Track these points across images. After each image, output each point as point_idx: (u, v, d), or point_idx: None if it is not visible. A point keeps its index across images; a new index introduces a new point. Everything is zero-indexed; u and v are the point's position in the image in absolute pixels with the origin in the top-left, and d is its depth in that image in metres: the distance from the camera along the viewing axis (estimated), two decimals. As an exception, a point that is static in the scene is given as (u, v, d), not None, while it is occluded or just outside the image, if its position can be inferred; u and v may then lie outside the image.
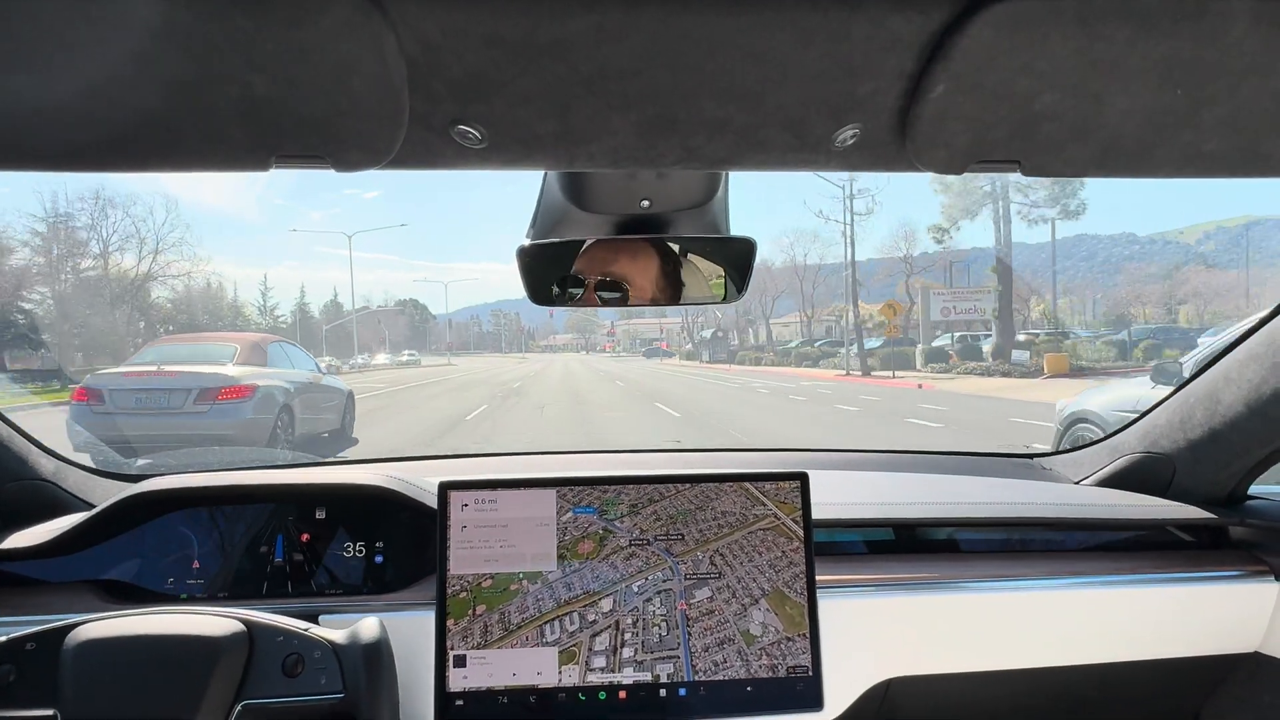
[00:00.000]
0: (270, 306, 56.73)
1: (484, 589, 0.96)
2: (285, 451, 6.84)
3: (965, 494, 1.30)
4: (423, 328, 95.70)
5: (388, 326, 69.71)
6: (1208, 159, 0.60)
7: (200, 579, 1.08)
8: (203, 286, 49.49)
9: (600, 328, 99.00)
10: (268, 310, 55.87)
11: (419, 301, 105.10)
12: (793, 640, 0.97)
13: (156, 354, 7.61)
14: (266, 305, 56.16)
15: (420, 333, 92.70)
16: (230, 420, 6.54)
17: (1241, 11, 0.46)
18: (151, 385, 6.52)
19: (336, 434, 8.27)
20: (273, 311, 56.84)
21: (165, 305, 42.64)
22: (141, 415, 6.44)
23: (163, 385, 6.51)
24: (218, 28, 0.45)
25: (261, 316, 55.12)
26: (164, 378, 6.59)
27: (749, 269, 0.99)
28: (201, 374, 6.71)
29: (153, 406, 6.47)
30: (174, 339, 8.85)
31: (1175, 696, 1.23)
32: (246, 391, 6.68)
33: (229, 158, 0.57)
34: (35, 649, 0.81)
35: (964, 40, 0.48)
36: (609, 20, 0.46)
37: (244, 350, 7.40)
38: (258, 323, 53.86)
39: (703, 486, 1.00)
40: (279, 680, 0.82)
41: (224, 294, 52.53)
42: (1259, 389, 1.11)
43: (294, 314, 63.70)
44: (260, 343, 7.71)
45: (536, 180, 0.93)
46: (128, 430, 6.46)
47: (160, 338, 9.67)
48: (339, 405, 8.37)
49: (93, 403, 6.53)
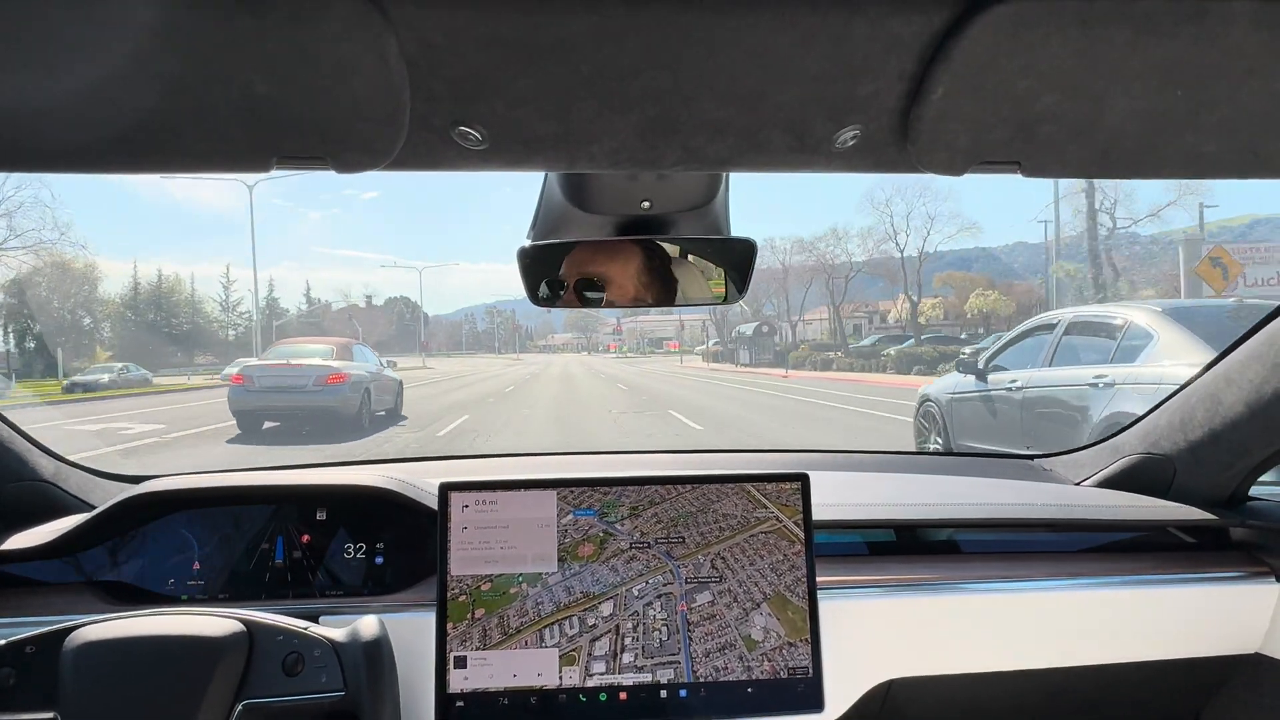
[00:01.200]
0: (234, 301, 55.11)
1: (483, 592, 0.96)
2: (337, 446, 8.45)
3: (966, 495, 1.30)
4: (412, 326, 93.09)
5: (363, 323, 67.04)
6: (1208, 160, 0.60)
7: (200, 580, 1.08)
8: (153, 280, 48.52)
9: (604, 326, 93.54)
10: (230, 306, 54.51)
11: (409, 299, 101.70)
12: (795, 646, 0.96)
13: (282, 352, 11.22)
14: (229, 300, 54.69)
15: (410, 332, 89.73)
16: (335, 398, 9.71)
17: (1241, 14, 0.46)
18: (285, 373, 9.83)
19: (391, 412, 11.46)
20: (236, 307, 55.07)
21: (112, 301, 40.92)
22: (279, 393, 9.75)
23: (292, 373, 9.78)
24: (219, 29, 0.45)
25: (224, 313, 53.36)
26: (292, 368, 9.86)
27: (749, 270, 0.98)
28: (316, 365, 9.87)
29: (286, 388, 9.71)
30: (289, 341, 12.55)
31: (1176, 698, 1.23)
32: (344, 378, 9.84)
33: (230, 159, 0.57)
34: (35, 651, 0.81)
35: (964, 42, 0.48)
36: (609, 21, 0.46)
37: (337, 349, 10.90)
38: (219, 319, 52.43)
39: (704, 489, 1.00)
40: (279, 679, 0.82)
41: (181, 288, 51.44)
42: (1260, 389, 1.10)
43: (262, 310, 60.63)
44: (347, 344, 11.52)
45: (538, 181, 0.93)
46: (269, 403, 9.80)
47: (278, 341, 14.26)
48: (395, 391, 11.78)
49: (246, 384, 9.87)
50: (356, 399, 9.91)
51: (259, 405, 9.78)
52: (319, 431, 9.47)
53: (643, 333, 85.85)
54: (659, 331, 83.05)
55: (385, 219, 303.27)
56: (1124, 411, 4.38)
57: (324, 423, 9.56)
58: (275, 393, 9.68)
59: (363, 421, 9.97)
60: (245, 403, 9.81)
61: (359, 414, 9.94)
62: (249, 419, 9.90)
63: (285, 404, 9.70)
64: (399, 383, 12.08)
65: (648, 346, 71.42)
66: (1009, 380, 5.67)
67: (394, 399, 11.57)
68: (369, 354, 11.75)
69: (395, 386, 11.76)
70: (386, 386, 11.30)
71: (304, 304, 69.04)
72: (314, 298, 71.59)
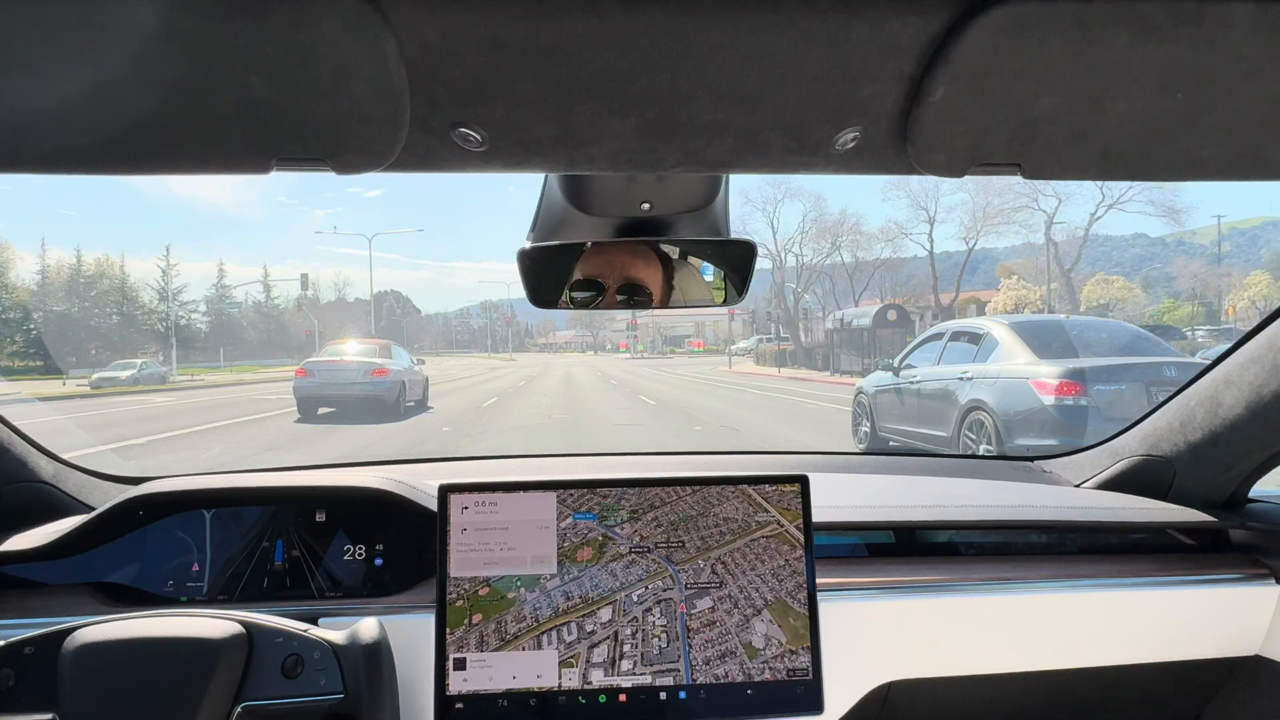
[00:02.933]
0: (175, 290, 48.96)
1: (480, 597, 0.95)
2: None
3: (965, 497, 1.30)
4: (401, 323, 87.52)
5: (338, 319, 61.39)
6: (1207, 163, 0.60)
7: (200, 582, 1.09)
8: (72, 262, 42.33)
9: (612, 322, 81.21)
10: (171, 295, 47.98)
11: (401, 294, 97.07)
12: (796, 654, 0.96)
13: (336, 350, 13.28)
14: (169, 289, 48.05)
15: (401, 329, 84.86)
16: (380, 389, 11.90)
17: (1240, 16, 0.47)
18: (340, 367, 12.21)
19: (419, 403, 13.44)
20: (177, 295, 49.03)
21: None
22: (335, 384, 11.99)
23: (346, 367, 12.17)
24: (218, 31, 0.46)
25: (163, 303, 47.09)
26: (345, 363, 12.26)
27: (749, 272, 0.99)
28: (364, 361, 12.25)
29: (341, 380, 11.97)
30: (339, 341, 14.84)
31: (1176, 700, 1.23)
32: (386, 372, 12.14)
33: (230, 160, 0.57)
34: (34, 652, 0.81)
35: (964, 44, 0.48)
36: (608, 24, 0.47)
37: (379, 348, 13.27)
38: (158, 309, 46.81)
39: (704, 492, 1.00)
40: (278, 681, 0.83)
41: (110, 275, 46.32)
42: (1259, 391, 1.10)
43: (208, 302, 54.80)
44: (386, 344, 13.83)
45: (538, 183, 0.94)
46: (328, 392, 11.98)
47: (330, 341, 16.77)
48: (423, 385, 13.91)
49: (309, 376, 12.18)
50: (396, 390, 12.16)
51: (319, 393, 12.00)
52: (364, 414, 11.52)
53: (658, 329, 72.81)
54: (676, 328, 73.54)
55: (386, 217, 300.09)
56: (977, 398, 6.08)
57: (370, 409, 11.72)
58: (332, 384, 11.97)
59: (400, 409, 12.14)
60: (308, 390, 12.05)
61: (397, 402, 12.15)
62: (309, 404, 12.06)
63: (340, 393, 11.91)
64: (426, 378, 14.25)
65: (666, 345, 62.12)
66: (914, 375, 7.20)
67: (422, 391, 13.69)
68: (403, 354, 13.90)
69: (423, 381, 13.89)
70: (416, 381, 13.39)
71: (302, 296, 62.69)
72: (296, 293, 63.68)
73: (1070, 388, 5.49)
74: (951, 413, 6.38)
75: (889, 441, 7.40)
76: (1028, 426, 5.63)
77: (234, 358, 50.18)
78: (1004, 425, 5.73)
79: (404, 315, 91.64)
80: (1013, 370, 5.99)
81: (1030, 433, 5.59)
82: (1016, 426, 5.69)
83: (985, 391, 6.04)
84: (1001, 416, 5.78)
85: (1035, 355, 6.01)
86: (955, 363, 6.76)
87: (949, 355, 6.99)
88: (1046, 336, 6.35)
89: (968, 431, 6.13)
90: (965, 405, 6.19)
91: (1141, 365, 5.76)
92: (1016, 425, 5.69)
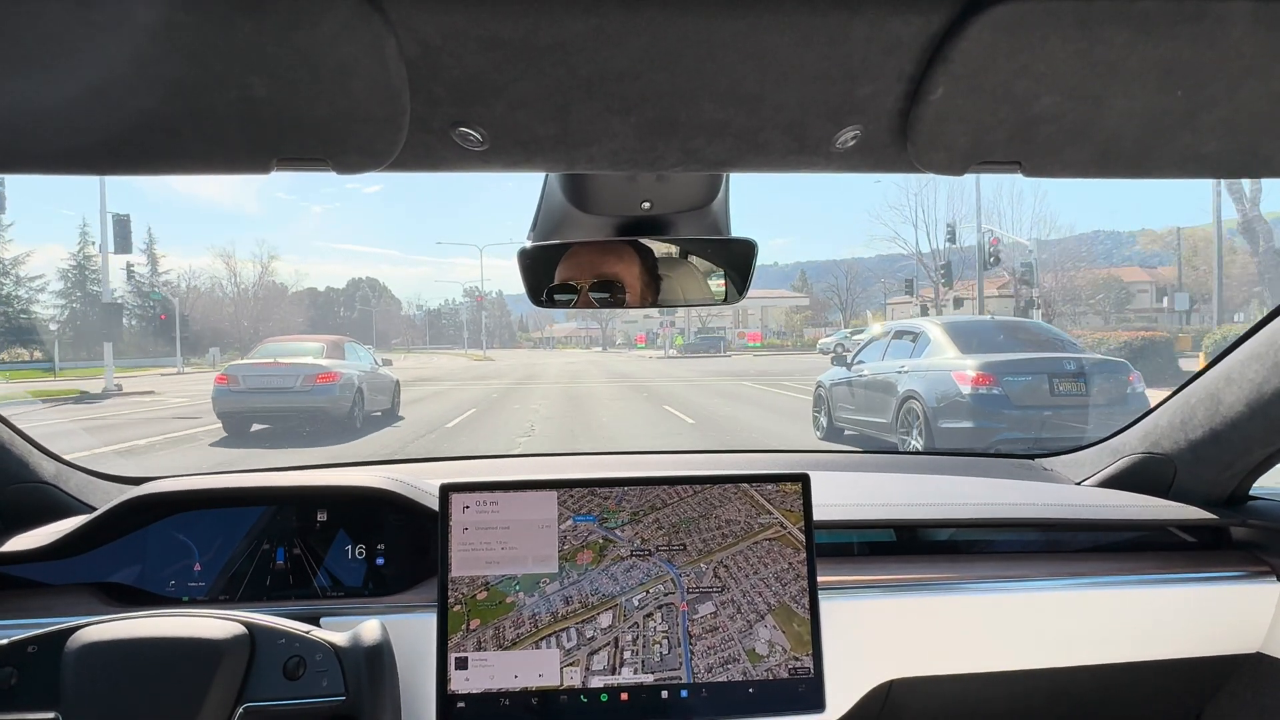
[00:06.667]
0: (31, 277, 35.19)
1: (478, 602, 0.95)
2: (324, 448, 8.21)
3: (966, 495, 1.30)
4: (373, 315, 74.71)
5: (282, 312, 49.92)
6: (1207, 160, 0.60)
7: (201, 582, 1.09)
8: None
9: (623, 312, 51.38)
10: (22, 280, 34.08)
11: (378, 281, 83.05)
12: (799, 660, 0.96)
13: (269, 350, 10.54)
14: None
15: (371, 322, 71.54)
16: (325, 398, 9.25)
17: (1240, 14, 0.47)
18: (272, 373, 9.28)
19: (388, 412, 10.90)
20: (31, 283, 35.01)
21: None
22: (265, 394, 9.20)
23: (280, 373, 9.26)
24: (218, 31, 0.46)
25: (17, 287, 33.84)
26: (280, 367, 9.33)
27: (750, 270, 0.99)
28: (304, 364, 9.40)
29: (273, 388, 9.20)
30: (276, 339, 11.81)
31: (1177, 697, 1.23)
32: (335, 377, 9.40)
33: (230, 160, 0.57)
34: (37, 652, 0.81)
35: (963, 42, 0.48)
36: (608, 23, 0.47)
37: (328, 347, 10.37)
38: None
39: (706, 493, 1.00)
40: (280, 683, 0.83)
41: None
42: (1260, 389, 1.10)
43: (68, 292, 39.36)
44: (338, 341, 10.78)
45: (539, 182, 0.94)
46: (255, 404, 9.18)
47: (266, 338, 13.10)
48: (390, 390, 11.21)
49: (230, 385, 9.27)
50: (348, 399, 9.46)
51: (245, 406, 9.22)
52: (311, 433, 9.01)
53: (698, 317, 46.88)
54: (710, 319, 46.08)
55: (386, 213, 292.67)
56: (912, 389, 6.84)
57: (315, 423, 9.12)
58: (262, 393, 9.15)
59: (355, 422, 9.48)
60: (231, 404, 9.21)
61: (350, 414, 9.45)
62: (235, 421, 9.27)
63: (272, 405, 9.15)
64: (395, 382, 11.48)
65: (695, 338, 39.43)
66: (863, 370, 7.88)
67: (390, 398, 11.10)
68: (362, 352, 11.33)
69: (391, 385, 11.23)
70: (381, 386, 10.75)
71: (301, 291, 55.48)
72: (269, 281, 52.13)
73: (984, 379, 6.31)
74: (891, 402, 7.14)
75: (844, 431, 8.03)
76: (952, 412, 6.42)
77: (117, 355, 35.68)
78: (932, 412, 6.51)
79: (378, 305, 78.14)
80: (940, 364, 6.83)
81: (953, 418, 6.39)
82: (942, 413, 6.47)
83: (918, 383, 6.88)
84: (930, 404, 6.55)
85: (960, 351, 6.91)
86: (896, 358, 7.53)
87: (892, 351, 7.75)
88: (972, 335, 7.31)
89: (904, 418, 6.88)
90: (902, 395, 7.00)
91: (1045, 359, 6.60)
92: (942, 411, 6.48)
